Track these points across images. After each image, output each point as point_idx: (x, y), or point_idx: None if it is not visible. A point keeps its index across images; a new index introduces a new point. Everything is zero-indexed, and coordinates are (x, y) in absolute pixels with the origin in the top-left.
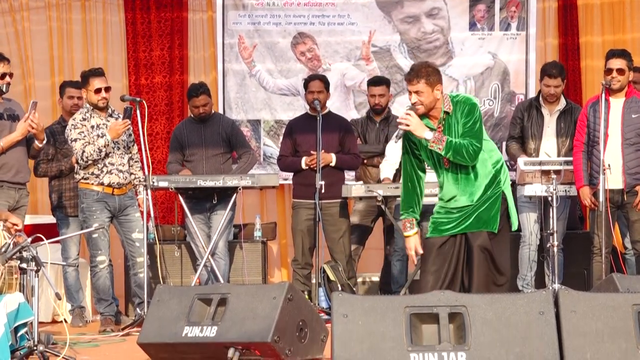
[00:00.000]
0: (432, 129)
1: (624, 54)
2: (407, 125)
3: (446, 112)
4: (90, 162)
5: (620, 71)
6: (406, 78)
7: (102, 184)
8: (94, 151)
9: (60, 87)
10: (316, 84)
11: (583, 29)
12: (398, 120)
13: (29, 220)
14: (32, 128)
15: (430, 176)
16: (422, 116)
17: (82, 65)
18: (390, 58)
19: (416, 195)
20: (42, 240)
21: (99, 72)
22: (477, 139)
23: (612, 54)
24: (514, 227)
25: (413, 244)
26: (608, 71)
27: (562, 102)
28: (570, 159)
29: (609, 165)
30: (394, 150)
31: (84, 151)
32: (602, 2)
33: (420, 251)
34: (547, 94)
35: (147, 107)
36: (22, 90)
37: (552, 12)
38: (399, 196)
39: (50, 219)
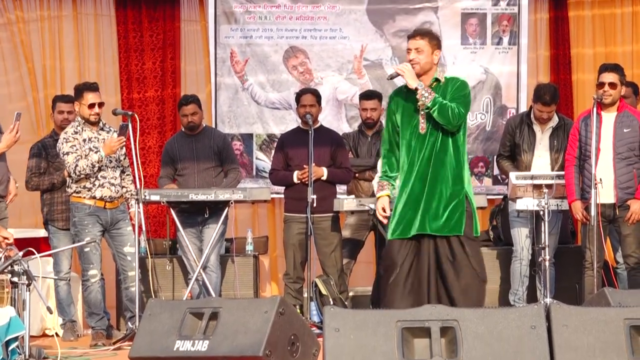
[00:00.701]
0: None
1: (616, 68)
2: (402, 71)
3: (437, 80)
4: (82, 176)
5: (612, 85)
6: (410, 35)
7: (94, 197)
8: (87, 166)
9: (52, 102)
10: (308, 97)
11: (574, 41)
12: (394, 67)
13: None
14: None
15: None
16: None
17: (74, 77)
18: (382, 72)
19: (395, 163)
20: (34, 254)
21: (93, 87)
22: (464, 106)
23: (604, 68)
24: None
25: (382, 203)
26: (600, 85)
27: (555, 119)
28: (562, 173)
29: (600, 180)
30: None
31: (77, 165)
32: (593, 14)
33: (388, 212)
34: (539, 117)
35: (140, 121)
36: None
37: (543, 24)
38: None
39: (37, 232)
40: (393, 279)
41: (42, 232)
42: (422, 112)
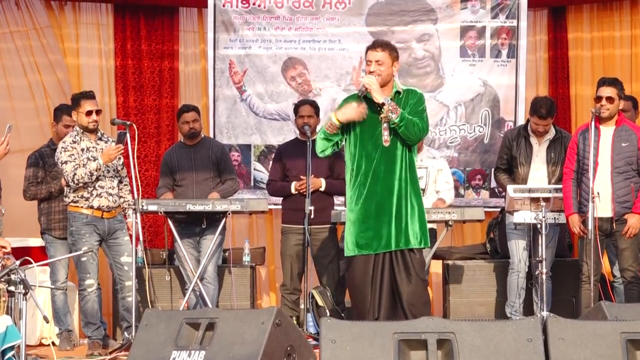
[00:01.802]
0: (378, 105)
1: (614, 82)
2: (370, 85)
3: (398, 92)
4: (81, 184)
5: (610, 99)
6: (369, 47)
7: (91, 207)
8: (85, 174)
9: (55, 112)
10: (306, 108)
11: (572, 50)
12: (361, 79)
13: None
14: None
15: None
16: None
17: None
18: None
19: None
20: (31, 263)
21: (90, 95)
22: (426, 121)
23: (602, 82)
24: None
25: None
26: (598, 99)
27: (552, 132)
28: (560, 186)
29: (598, 194)
30: None
31: (75, 174)
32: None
33: None
34: (535, 130)
35: (137, 130)
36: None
37: (542, 37)
38: None
39: (26, 242)
40: (367, 307)
41: (33, 241)
42: (385, 125)
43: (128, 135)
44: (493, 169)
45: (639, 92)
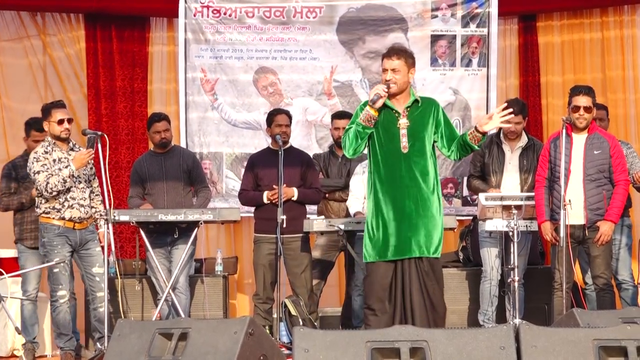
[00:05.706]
0: (396, 112)
1: (590, 91)
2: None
3: (416, 100)
4: (55, 192)
5: (587, 109)
6: (385, 55)
7: (63, 218)
8: (59, 182)
9: (25, 126)
10: (284, 117)
11: (544, 64)
12: (381, 88)
13: None
14: None
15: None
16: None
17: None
18: (352, 93)
19: None
20: (2, 274)
21: (60, 104)
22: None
23: (578, 91)
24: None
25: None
26: (575, 109)
27: (524, 139)
28: (532, 194)
29: (569, 201)
30: (358, 184)
31: (48, 182)
32: (562, 41)
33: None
34: (507, 131)
35: (109, 136)
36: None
37: (513, 47)
38: (360, 231)
39: (4, 252)
40: (382, 308)
41: (5, 252)
42: (404, 132)
43: (100, 143)
44: (466, 177)
45: (612, 101)
